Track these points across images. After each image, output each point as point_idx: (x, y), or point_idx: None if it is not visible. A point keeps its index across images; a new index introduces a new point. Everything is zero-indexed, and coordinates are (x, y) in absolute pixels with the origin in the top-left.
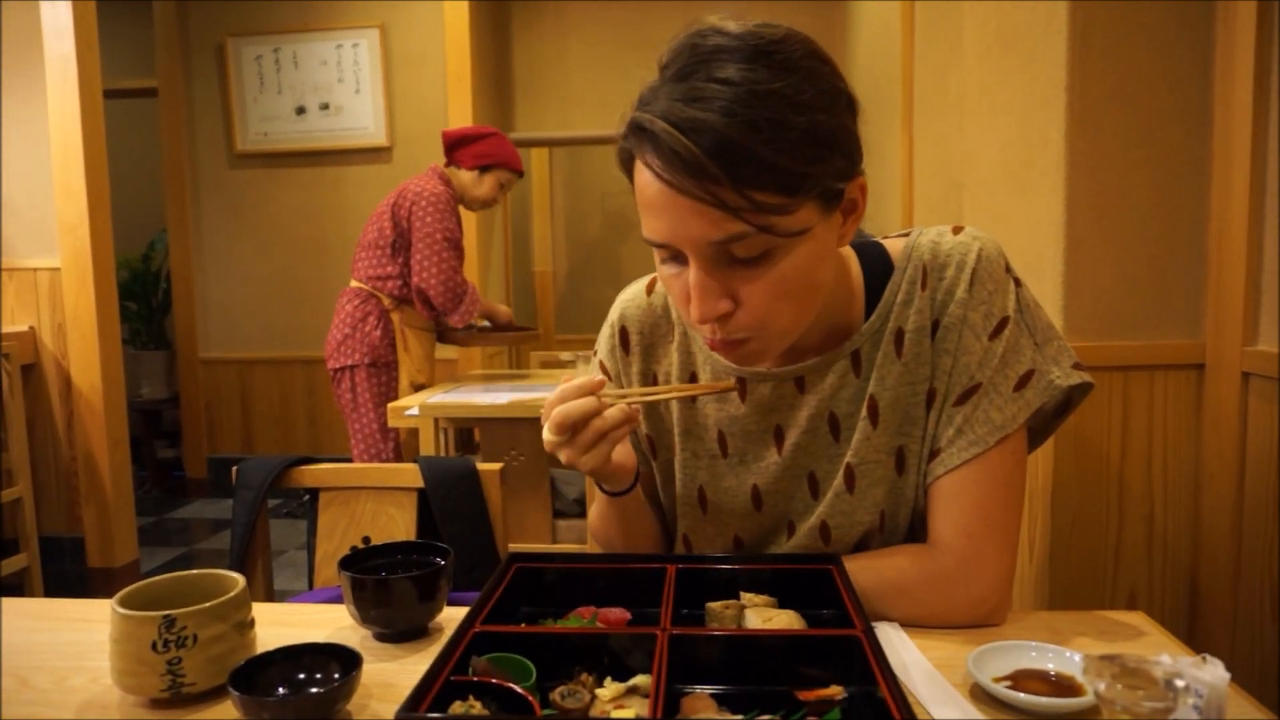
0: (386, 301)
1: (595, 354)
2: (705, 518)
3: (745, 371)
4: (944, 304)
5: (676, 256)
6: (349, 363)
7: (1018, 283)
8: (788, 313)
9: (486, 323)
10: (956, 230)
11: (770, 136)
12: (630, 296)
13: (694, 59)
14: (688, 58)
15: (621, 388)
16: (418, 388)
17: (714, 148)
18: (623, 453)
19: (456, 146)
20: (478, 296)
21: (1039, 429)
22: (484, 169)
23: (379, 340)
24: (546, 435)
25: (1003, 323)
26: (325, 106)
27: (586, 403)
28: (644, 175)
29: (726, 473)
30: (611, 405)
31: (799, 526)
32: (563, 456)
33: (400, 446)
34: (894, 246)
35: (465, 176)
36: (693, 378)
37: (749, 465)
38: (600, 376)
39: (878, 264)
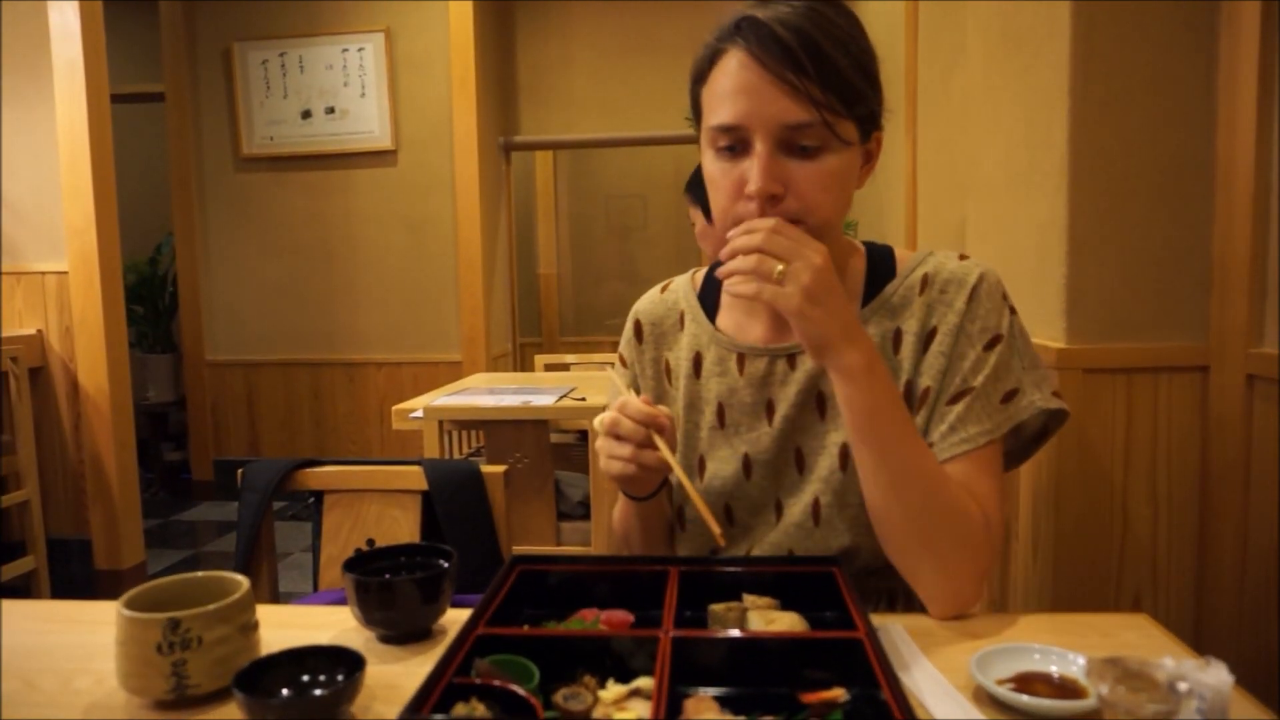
0: None
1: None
2: (700, 485)
3: (742, 346)
4: (943, 315)
5: (736, 147)
6: None
7: (1012, 311)
8: (826, 206)
9: None
10: (963, 257)
11: (840, 49)
12: (646, 296)
13: None
14: None
15: (637, 375)
16: None
17: (802, 44)
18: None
19: None
20: None
21: (1017, 451)
22: None
23: None
24: (599, 429)
25: (996, 338)
26: (331, 110)
27: (636, 429)
28: (733, 64)
29: (722, 442)
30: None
31: (786, 505)
32: (602, 453)
33: None
34: (903, 256)
35: None
36: (698, 357)
37: (742, 435)
38: (662, 413)
39: (882, 265)
